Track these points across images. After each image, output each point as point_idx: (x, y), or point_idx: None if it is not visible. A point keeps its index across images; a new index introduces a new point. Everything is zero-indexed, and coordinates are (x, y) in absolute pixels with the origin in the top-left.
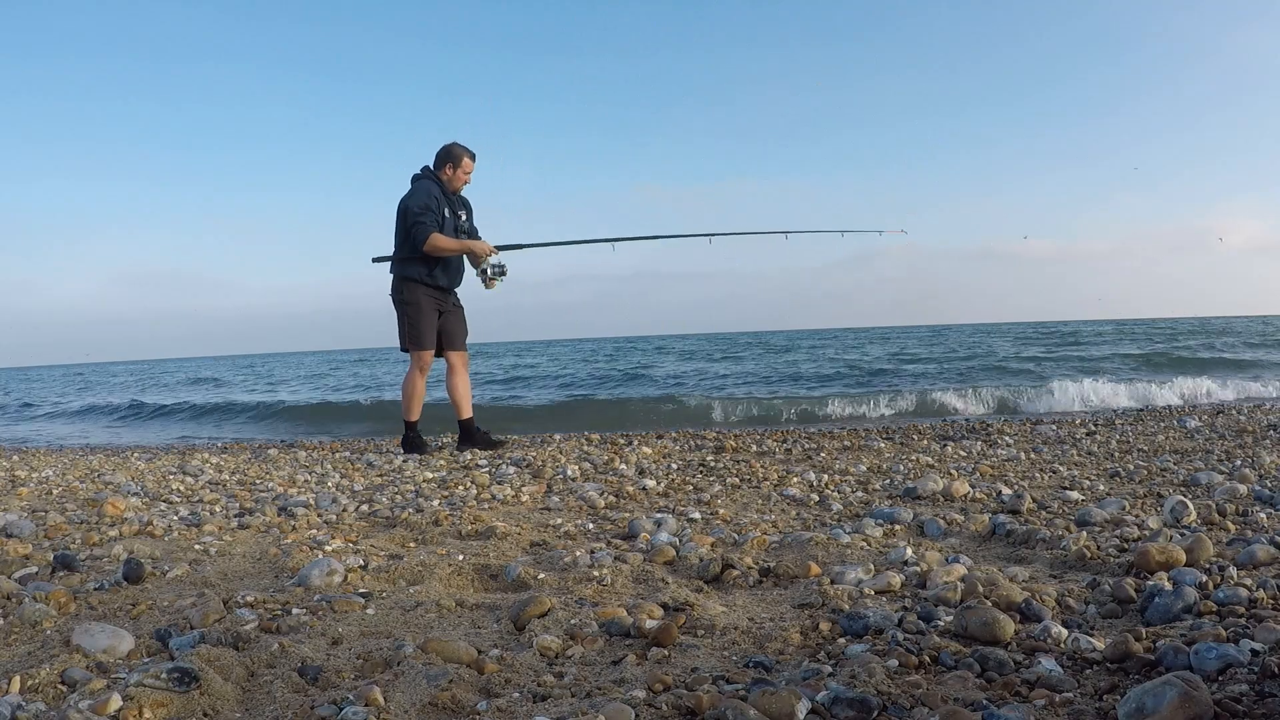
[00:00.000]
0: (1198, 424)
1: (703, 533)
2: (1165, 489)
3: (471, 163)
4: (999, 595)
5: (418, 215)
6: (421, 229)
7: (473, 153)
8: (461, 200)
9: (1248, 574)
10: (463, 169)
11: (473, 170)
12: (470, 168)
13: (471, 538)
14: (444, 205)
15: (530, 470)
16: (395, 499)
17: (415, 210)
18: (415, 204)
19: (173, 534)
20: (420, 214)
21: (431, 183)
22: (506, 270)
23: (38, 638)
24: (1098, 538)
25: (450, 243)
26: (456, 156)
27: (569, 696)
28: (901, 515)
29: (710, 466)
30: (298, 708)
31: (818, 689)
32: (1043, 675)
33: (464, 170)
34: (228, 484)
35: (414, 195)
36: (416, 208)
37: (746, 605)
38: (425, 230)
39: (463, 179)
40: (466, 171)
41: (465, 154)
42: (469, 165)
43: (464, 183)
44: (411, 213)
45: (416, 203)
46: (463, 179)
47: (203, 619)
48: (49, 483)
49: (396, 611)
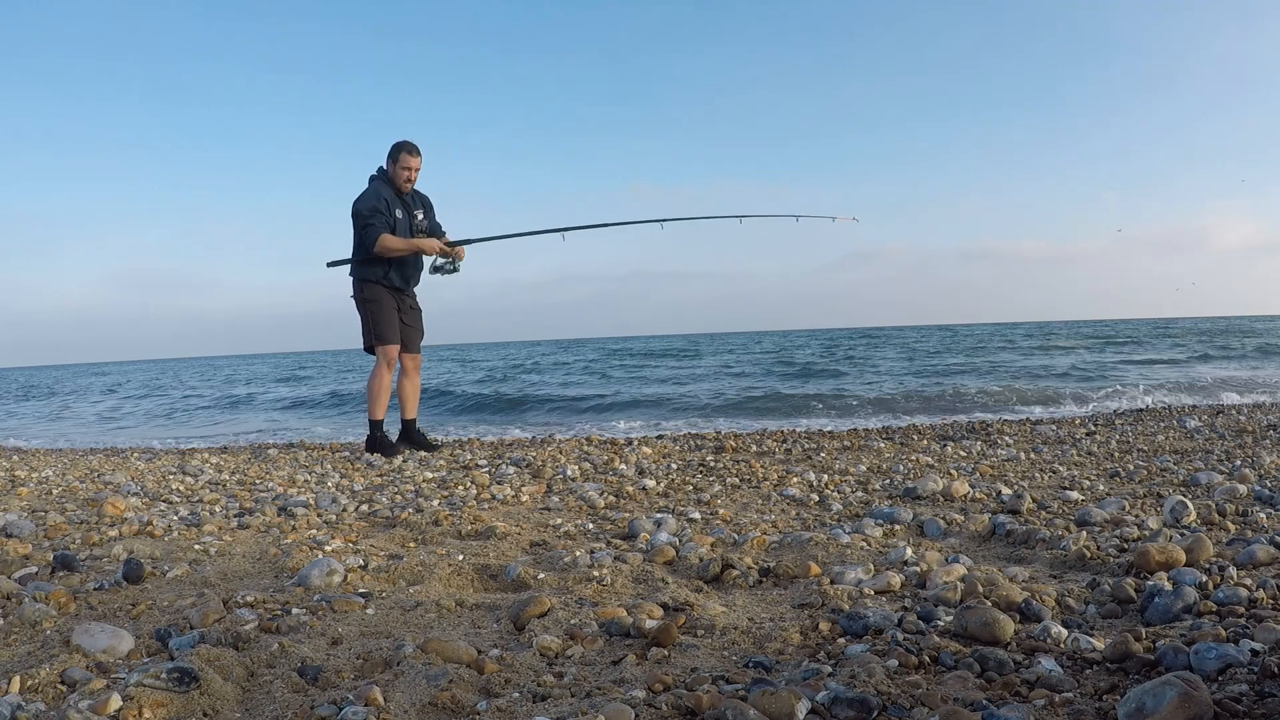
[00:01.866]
0: (1197, 424)
1: (703, 533)
2: (1165, 489)
3: (411, 158)
4: (999, 595)
5: (366, 218)
6: (371, 231)
7: (413, 146)
8: (419, 198)
9: (1247, 574)
10: (400, 164)
11: (416, 166)
12: (410, 163)
13: (471, 538)
14: (395, 206)
15: (530, 470)
16: (395, 499)
17: (364, 213)
18: (365, 207)
19: (173, 534)
20: (369, 216)
21: (382, 183)
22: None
23: (38, 638)
24: (1098, 538)
25: (399, 243)
26: (394, 153)
27: (569, 696)
28: (901, 515)
29: (710, 466)
30: (298, 708)
31: (817, 689)
32: (1043, 675)
33: (402, 166)
34: (227, 484)
35: (363, 198)
36: (365, 210)
37: (746, 605)
38: (375, 232)
39: (403, 174)
40: (405, 167)
41: (403, 149)
42: (407, 160)
43: (405, 179)
44: (360, 215)
45: (365, 205)
46: (403, 174)
47: (203, 619)
48: (49, 483)
49: (396, 611)
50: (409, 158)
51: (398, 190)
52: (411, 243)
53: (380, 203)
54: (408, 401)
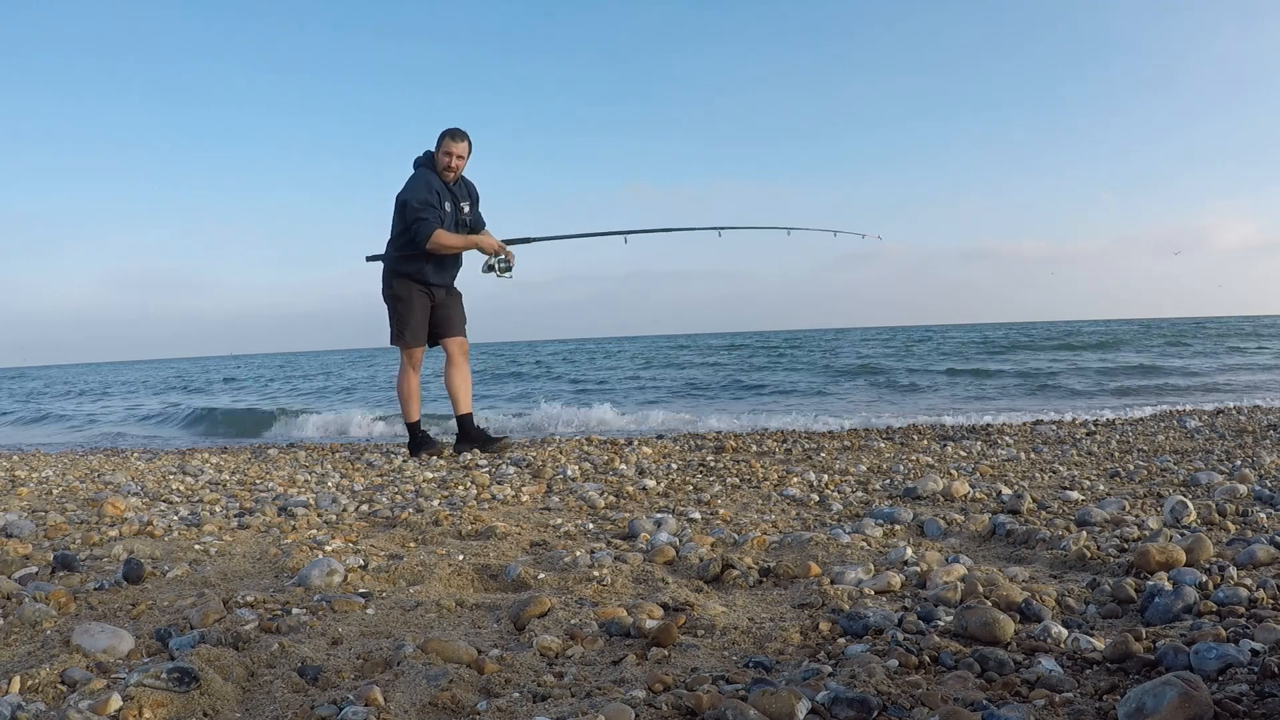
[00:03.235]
0: (1198, 424)
1: (703, 533)
2: (1165, 489)
3: (454, 143)
4: (999, 595)
5: (418, 211)
6: (425, 226)
7: (457, 131)
8: (465, 188)
9: (1248, 574)
10: (442, 149)
11: (461, 152)
12: (453, 148)
13: (471, 538)
14: (445, 198)
15: (530, 470)
16: (395, 499)
17: (415, 205)
18: (416, 198)
19: (173, 534)
20: (421, 209)
21: (429, 172)
22: (513, 266)
23: (38, 638)
24: (1098, 538)
25: (455, 239)
26: (441, 140)
27: (569, 696)
28: (901, 515)
29: (710, 466)
30: (298, 708)
31: (818, 689)
32: (1043, 675)
33: (444, 151)
34: (228, 484)
35: (413, 188)
36: (416, 203)
37: (746, 605)
38: (429, 227)
39: (443, 160)
40: (447, 152)
41: (446, 134)
42: (449, 145)
43: (446, 165)
44: (411, 208)
45: (416, 197)
46: (443, 160)
47: (203, 619)
48: (49, 483)
49: (396, 611)
50: (451, 142)
51: (443, 180)
52: (470, 239)
53: (432, 194)
54: (459, 395)
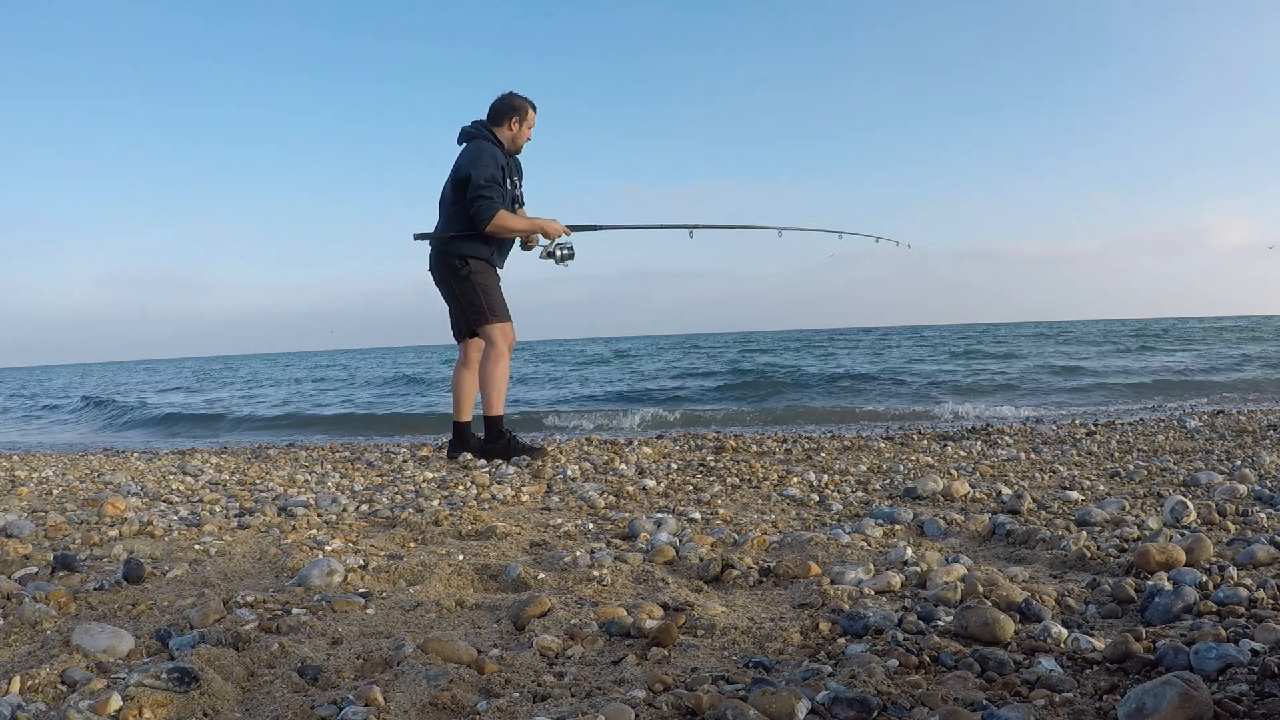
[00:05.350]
0: (1198, 424)
1: (703, 533)
2: (1165, 489)
3: (535, 115)
4: (999, 595)
5: (483, 189)
6: (488, 206)
7: (534, 104)
8: (516, 164)
9: (1248, 574)
10: (528, 124)
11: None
12: (534, 122)
13: (471, 538)
14: (508, 175)
15: (530, 470)
16: (395, 499)
17: (482, 183)
18: (483, 175)
19: (173, 534)
20: (486, 187)
21: (493, 145)
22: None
23: (38, 638)
24: (1098, 538)
25: (521, 222)
26: (521, 109)
27: (569, 696)
28: (901, 515)
29: (710, 466)
30: (298, 708)
31: (818, 689)
32: (1043, 675)
33: (528, 125)
34: (228, 484)
35: (480, 163)
36: (483, 180)
37: (746, 605)
38: (493, 208)
39: (527, 136)
40: (531, 126)
41: (529, 105)
42: (534, 119)
43: (527, 139)
44: (476, 185)
45: (484, 173)
46: (527, 136)
47: (203, 619)
48: (49, 483)
49: (396, 611)
50: (534, 114)
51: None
52: (535, 222)
53: (498, 171)
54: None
